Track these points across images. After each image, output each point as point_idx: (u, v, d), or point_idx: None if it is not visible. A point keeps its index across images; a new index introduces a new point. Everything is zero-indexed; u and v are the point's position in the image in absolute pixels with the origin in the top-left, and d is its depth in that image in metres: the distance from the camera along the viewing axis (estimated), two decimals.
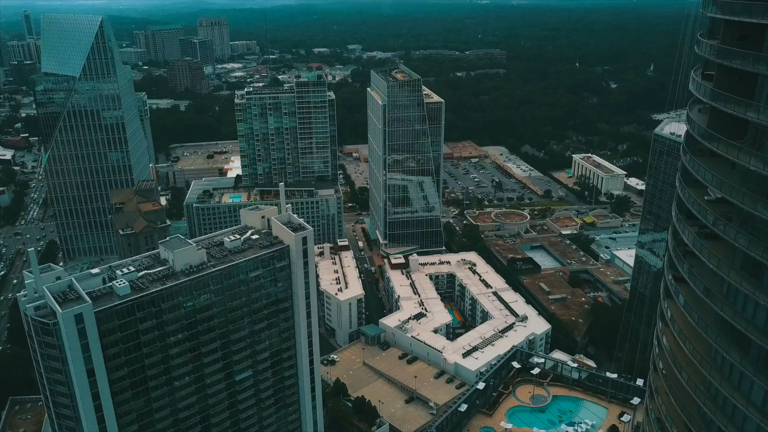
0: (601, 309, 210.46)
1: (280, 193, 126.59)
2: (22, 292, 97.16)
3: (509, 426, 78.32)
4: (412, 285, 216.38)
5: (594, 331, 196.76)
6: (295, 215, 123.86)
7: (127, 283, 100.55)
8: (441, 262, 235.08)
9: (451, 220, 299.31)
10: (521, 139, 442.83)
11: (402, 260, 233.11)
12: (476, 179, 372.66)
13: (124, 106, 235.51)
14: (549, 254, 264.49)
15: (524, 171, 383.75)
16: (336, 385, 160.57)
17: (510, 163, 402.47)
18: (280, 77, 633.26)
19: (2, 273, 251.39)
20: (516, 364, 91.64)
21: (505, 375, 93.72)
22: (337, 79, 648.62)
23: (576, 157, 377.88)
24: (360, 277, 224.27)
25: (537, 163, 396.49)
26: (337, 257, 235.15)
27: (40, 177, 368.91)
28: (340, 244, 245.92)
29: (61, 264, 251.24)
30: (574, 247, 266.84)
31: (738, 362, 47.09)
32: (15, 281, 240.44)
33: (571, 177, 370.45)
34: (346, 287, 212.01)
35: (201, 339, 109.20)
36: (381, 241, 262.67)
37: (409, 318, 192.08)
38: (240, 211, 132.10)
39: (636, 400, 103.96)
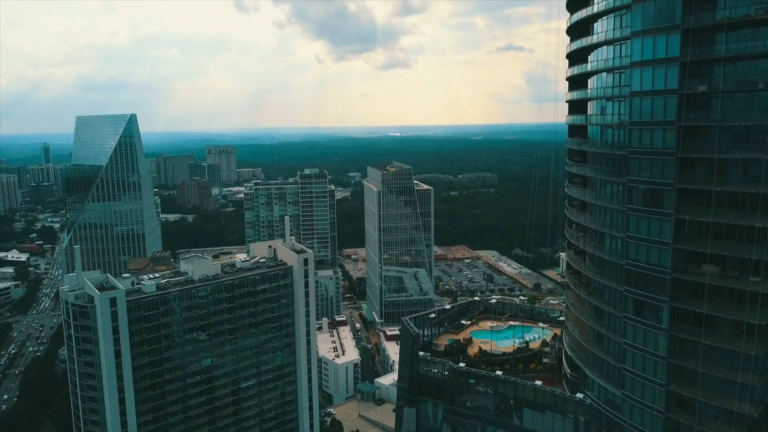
0: None
1: (285, 225, 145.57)
2: (65, 286, 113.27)
3: (470, 336, 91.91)
4: None
5: None
6: (298, 243, 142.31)
7: (153, 283, 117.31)
8: None
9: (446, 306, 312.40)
10: (512, 243, 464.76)
11: (397, 332, 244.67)
12: (469, 275, 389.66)
13: (143, 194, 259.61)
14: None
15: (515, 269, 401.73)
16: (332, 423, 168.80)
17: (501, 262, 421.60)
18: None
19: (14, 351, 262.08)
20: (481, 308, 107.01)
21: (470, 312, 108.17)
22: (338, 197, 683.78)
23: (563, 254, 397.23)
24: (356, 346, 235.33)
25: (527, 262, 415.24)
26: (335, 331, 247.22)
27: (53, 275, 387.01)
28: (338, 319, 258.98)
29: None
30: None
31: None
32: (24, 358, 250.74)
33: (559, 274, 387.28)
34: (343, 354, 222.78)
35: (213, 341, 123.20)
36: (377, 321, 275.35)
37: None
38: (249, 245, 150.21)
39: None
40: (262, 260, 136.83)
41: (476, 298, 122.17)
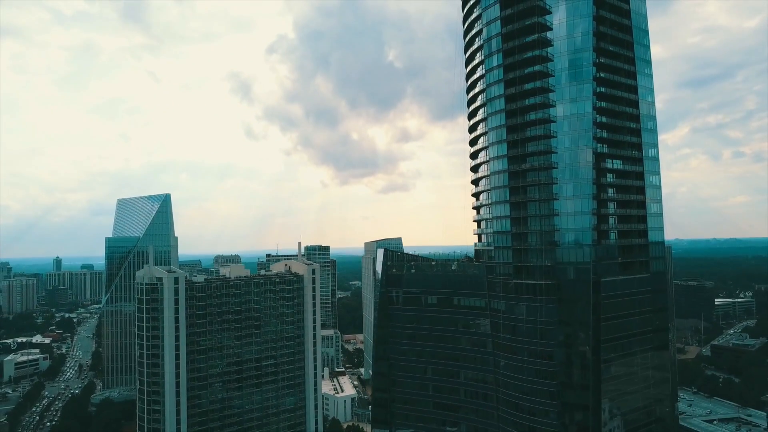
0: None
1: (298, 248, 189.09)
2: (139, 272, 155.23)
3: None
4: None
5: None
6: (308, 261, 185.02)
7: (202, 277, 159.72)
8: None
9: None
10: None
11: None
12: None
13: (171, 262, 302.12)
14: None
15: None
16: (333, 421, 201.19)
17: None
18: None
19: (46, 404, 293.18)
20: None
21: None
22: (339, 296, 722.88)
23: None
24: (354, 387, 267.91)
25: None
26: (335, 379, 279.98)
27: (74, 355, 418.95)
28: (337, 370, 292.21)
29: (99, 387, 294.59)
30: None
31: None
32: (59, 402, 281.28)
33: None
34: (342, 391, 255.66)
35: (243, 324, 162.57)
36: None
37: None
38: (270, 264, 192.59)
39: None
40: (280, 272, 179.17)
41: None
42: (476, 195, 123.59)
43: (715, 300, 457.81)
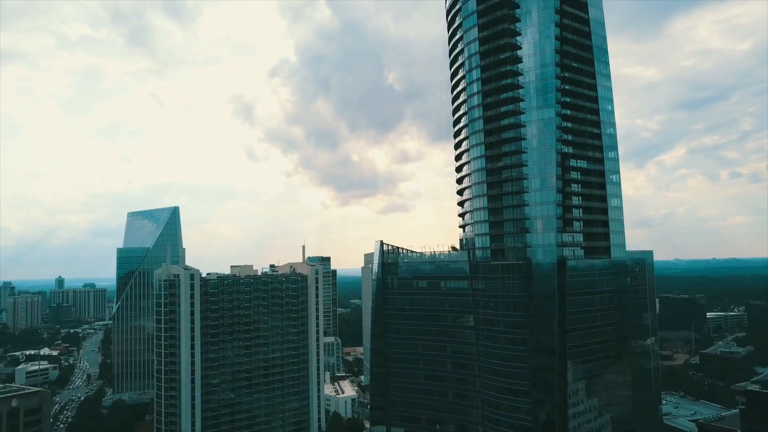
0: None
1: (302, 252, 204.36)
2: (157, 270, 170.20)
3: None
4: None
5: None
6: (313, 264, 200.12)
7: (215, 275, 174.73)
8: None
9: None
10: None
11: None
12: None
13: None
14: None
15: None
16: (335, 414, 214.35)
17: None
18: None
19: (58, 409, 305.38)
20: None
21: None
22: (339, 312, 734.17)
23: None
24: (354, 389, 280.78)
25: None
26: (336, 383, 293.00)
27: (81, 366, 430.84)
28: (338, 375, 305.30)
29: (109, 393, 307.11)
30: None
31: None
32: (71, 407, 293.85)
33: None
34: (343, 393, 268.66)
35: (252, 318, 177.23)
36: None
37: None
38: (276, 267, 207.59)
39: None
40: (286, 273, 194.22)
41: None
42: (461, 192, 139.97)
43: (708, 314, 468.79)
